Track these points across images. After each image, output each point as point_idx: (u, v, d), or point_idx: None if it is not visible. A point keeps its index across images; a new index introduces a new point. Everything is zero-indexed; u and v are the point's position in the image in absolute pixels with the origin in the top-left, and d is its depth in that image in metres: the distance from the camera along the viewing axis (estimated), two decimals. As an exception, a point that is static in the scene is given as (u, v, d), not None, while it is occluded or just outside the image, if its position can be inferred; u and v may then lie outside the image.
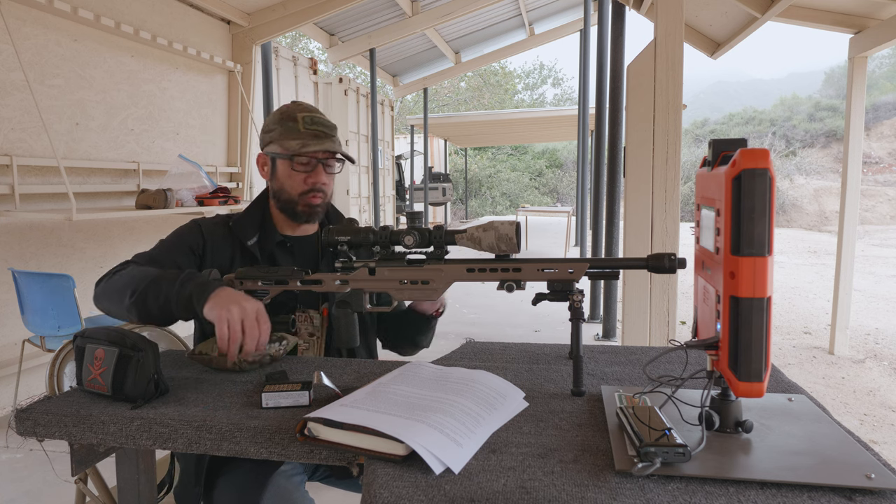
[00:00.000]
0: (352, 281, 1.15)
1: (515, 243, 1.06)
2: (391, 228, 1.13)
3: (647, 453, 0.73)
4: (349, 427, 0.82)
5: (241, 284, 1.21)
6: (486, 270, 1.07)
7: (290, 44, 19.86)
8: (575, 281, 1.05)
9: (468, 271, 1.09)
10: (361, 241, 1.12)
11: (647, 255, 1.02)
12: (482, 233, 1.08)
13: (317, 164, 1.36)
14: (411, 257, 1.14)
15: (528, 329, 5.18)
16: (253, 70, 5.33)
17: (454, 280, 1.10)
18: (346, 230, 1.13)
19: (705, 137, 27.27)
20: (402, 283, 1.13)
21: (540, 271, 1.06)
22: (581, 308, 1.04)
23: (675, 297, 2.71)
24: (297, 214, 1.39)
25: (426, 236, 1.10)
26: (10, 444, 2.77)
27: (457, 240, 1.10)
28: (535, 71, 31.98)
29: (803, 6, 4.38)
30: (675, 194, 2.71)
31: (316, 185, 1.36)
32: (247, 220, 1.42)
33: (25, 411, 0.99)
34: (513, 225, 1.06)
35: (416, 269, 1.12)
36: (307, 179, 1.36)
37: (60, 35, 3.60)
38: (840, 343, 4.61)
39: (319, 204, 1.39)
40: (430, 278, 1.11)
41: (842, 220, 4.48)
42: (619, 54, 4.27)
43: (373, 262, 1.14)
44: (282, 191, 1.39)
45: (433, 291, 1.11)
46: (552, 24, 10.04)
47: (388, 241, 1.12)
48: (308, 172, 1.36)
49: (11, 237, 3.34)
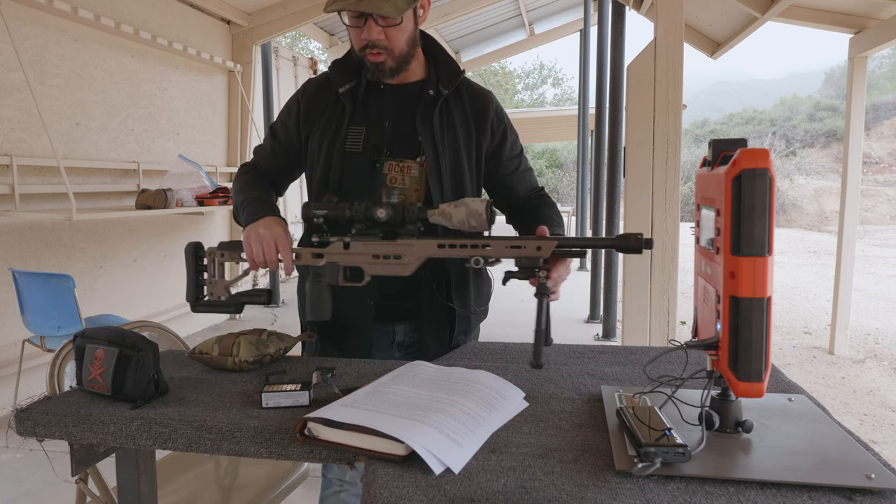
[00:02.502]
0: (327, 254, 1.16)
1: (485, 220, 1.07)
2: (368, 204, 1.13)
3: (647, 453, 0.73)
4: (349, 427, 0.82)
5: (221, 256, 1.24)
6: (455, 246, 1.10)
7: (290, 44, 19.86)
8: (543, 258, 1.06)
9: (439, 247, 1.11)
10: (338, 215, 1.14)
11: (616, 235, 1.05)
12: (453, 209, 1.09)
13: (366, 18, 1.22)
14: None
15: (528, 329, 5.16)
16: (253, 70, 5.33)
17: (426, 255, 1.12)
18: (323, 205, 1.14)
19: (705, 137, 27.26)
20: (374, 257, 1.14)
21: (508, 248, 1.07)
22: (546, 283, 1.06)
23: (675, 297, 2.71)
24: (368, 68, 1.29)
25: (400, 211, 1.11)
26: (10, 444, 2.77)
27: (429, 216, 1.12)
28: (535, 71, 32.01)
29: (803, 6, 4.38)
30: (675, 194, 2.71)
31: (368, 42, 1.24)
32: (344, 63, 1.34)
33: (25, 411, 0.99)
34: (483, 202, 1.07)
35: (389, 244, 1.13)
36: (360, 35, 1.25)
37: (60, 35, 3.60)
38: (840, 343, 4.61)
39: (382, 61, 1.26)
40: (402, 253, 1.12)
41: (842, 220, 4.48)
42: (619, 54, 4.27)
43: (348, 236, 1.15)
44: (351, 43, 1.31)
45: (405, 266, 1.13)
46: (552, 24, 10.03)
47: (364, 216, 1.13)
48: (358, 28, 1.24)
49: (11, 237, 3.34)
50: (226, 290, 1.25)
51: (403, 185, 1.30)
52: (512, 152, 1.40)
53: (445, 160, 1.30)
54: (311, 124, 1.35)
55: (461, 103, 1.36)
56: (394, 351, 1.40)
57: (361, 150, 1.29)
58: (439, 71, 1.34)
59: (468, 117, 1.35)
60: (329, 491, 1.41)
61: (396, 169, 1.31)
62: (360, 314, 1.33)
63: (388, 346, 1.39)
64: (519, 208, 1.42)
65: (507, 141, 1.39)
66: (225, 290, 1.25)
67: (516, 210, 1.42)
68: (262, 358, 1.19)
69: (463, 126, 1.34)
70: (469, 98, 1.37)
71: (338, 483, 1.41)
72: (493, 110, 1.38)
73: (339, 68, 1.34)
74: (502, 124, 1.39)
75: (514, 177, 1.41)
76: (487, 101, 1.38)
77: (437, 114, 1.31)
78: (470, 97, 1.37)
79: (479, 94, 1.39)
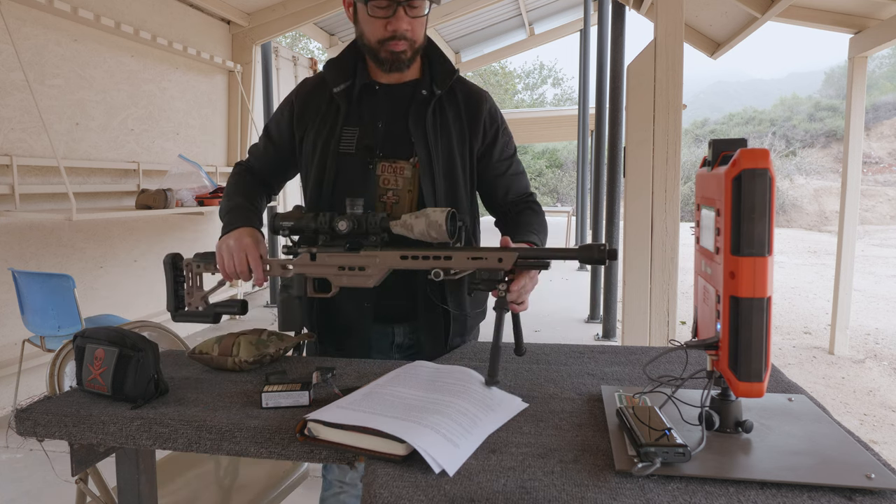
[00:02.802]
0: (295, 265, 1.17)
1: (445, 231, 1.06)
2: (333, 214, 1.14)
3: (647, 453, 0.73)
4: (349, 427, 0.82)
5: (198, 267, 1.24)
6: (418, 258, 1.09)
7: (290, 44, 19.86)
8: (504, 269, 1.05)
9: (402, 258, 1.11)
10: (304, 226, 1.15)
11: (579, 246, 1.04)
12: (414, 220, 1.09)
13: (396, 7, 1.21)
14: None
15: (527, 329, 5.18)
16: (253, 70, 5.33)
17: (389, 267, 1.12)
18: (289, 216, 1.15)
19: (705, 137, 27.25)
20: (340, 268, 1.14)
21: (470, 259, 1.07)
22: (505, 297, 1.05)
23: (675, 297, 2.71)
24: (381, 62, 1.27)
25: (362, 223, 1.12)
26: (10, 444, 2.77)
27: (391, 227, 1.12)
28: (535, 71, 32.00)
29: (803, 6, 4.38)
30: (675, 194, 2.71)
31: (396, 32, 1.22)
32: (339, 63, 1.33)
33: (25, 411, 0.99)
34: (444, 212, 1.07)
35: (353, 256, 1.13)
36: (387, 26, 1.22)
37: (60, 35, 3.60)
38: (840, 343, 4.61)
39: (403, 50, 1.25)
40: (366, 265, 1.13)
41: (842, 220, 4.48)
42: (619, 54, 4.27)
43: (314, 248, 1.15)
44: (362, 36, 1.28)
45: (368, 277, 1.13)
46: (552, 24, 10.02)
47: (329, 227, 1.13)
48: (387, 18, 1.22)
49: (11, 237, 3.34)
50: (203, 301, 1.25)
51: (396, 185, 1.30)
52: (503, 154, 1.39)
53: (438, 161, 1.30)
54: (304, 125, 1.35)
55: (455, 103, 1.35)
56: (393, 352, 1.40)
57: (355, 150, 1.29)
58: (433, 71, 1.34)
59: (462, 118, 1.34)
60: (329, 492, 1.41)
61: (389, 170, 1.30)
62: (358, 316, 1.33)
63: (388, 348, 1.39)
64: (504, 213, 1.41)
65: (499, 142, 1.38)
66: (202, 301, 1.25)
67: (502, 214, 1.41)
68: (262, 358, 1.19)
69: (456, 126, 1.33)
70: (463, 98, 1.36)
71: (338, 485, 1.41)
72: (487, 110, 1.37)
73: (334, 68, 1.33)
74: (495, 124, 1.38)
75: (504, 179, 1.39)
76: (481, 100, 1.37)
77: (431, 114, 1.31)
78: (464, 97, 1.36)
79: (473, 93, 1.37)
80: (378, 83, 1.33)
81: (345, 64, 1.33)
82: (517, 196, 1.41)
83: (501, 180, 1.39)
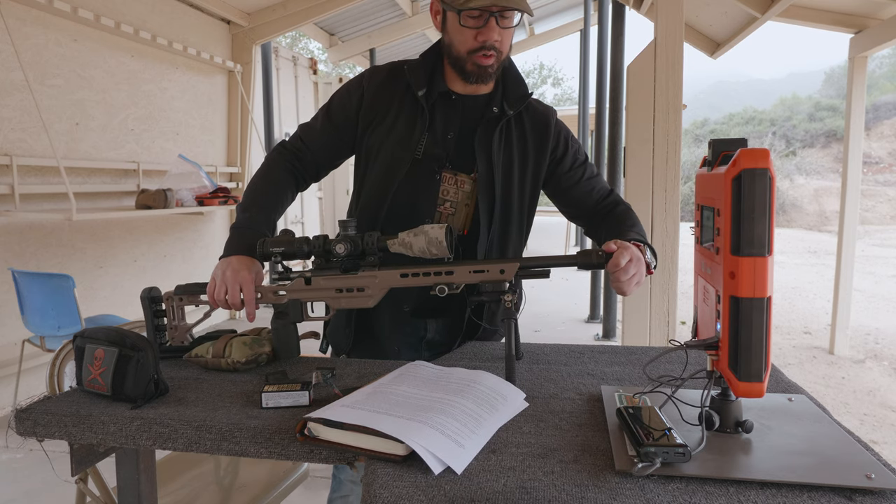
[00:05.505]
0: (289, 291, 1.15)
1: (445, 247, 1.06)
2: (326, 237, 1.12)
3: (647, 453, 0.73)
4: (349, 427, 0.82)
5: (180, 300, 1.21)
6: (419, 275, 1.09)
7: (290, 44, 19.83)
8: (507, 281, 1.05)
9: (402, 276, 1.10)
10: (296, 251, 1.12)
11: (578, 252, 1.05)
12: (413, 238, 1.08)
13: (489, 17, 1.19)
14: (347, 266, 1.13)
15: (528, 329, 5.18)
16: (253, 70, 5.33)
17: (389, 286, 1.11)
18: (280, 241, 1.12)
19: (705, 137, 27.25)
20: (338, 291, 1.12)
21: (472, 273, 1.07)
22: (513, 308, 1.05)
23: (675, 297, 2.71)
24: (466, 73, 1.26)
25: (359, 244, 1.10)
26: (10, 444, 2.77)
27: (389, 246, 1.10)
28: (535, 71, 31.97)
29: (803, 6, 4.38)
30: (675, 194, 2.71)
31: (486, 42, 1.21)
32: (420, 68, 1.31)
33: (25, 411, 0.99)
34: (442, 229, 1.06)
35: (351, 277, 1.12)
36: (477, 36, 1.21)
37: (60, 35, 3.60)
38: (840, 343, 4.61)
39: (491, 64, 1.24)
40: (365, 285, 1.11)
41: (842, 220, 4.48)
42: (619, 54, 4.28)
43: (308, 272, 1.13)
44: (451, 46, 1.26)
45: (368, 298, 1.12)
46: (552, 24, 10.03)
47: (323, 250, 1.11)
48: (478, 28, 1.21)
49: (11, 237, 3.34)
50: (188, 335, 1.23)
51: (456, 198, 1.31)
52: (574, 162, 1.38)
53: (498, 180, 1.30)
54: (372, 116, 1.32)
55: (521, 124, 1.35)
56: (423, 350, 1.39)
57: (422, 157, 1.28)
58: (507, 90, 1.33)
59: (526, 138, 1.34)
60: (338, 494, 1.41)
61: (451, 181, 1.31)
62: (393, 322, 1.34)
63: (418, 343, 1.39)
64: (590, 218, 1.40)
65: (569, 152, 1.38)
66: (187, 335, 1.23)
67: (590, 220, 1.40)
68: (256, 357, 1.19)
69: (520, 147, 1.33)
70: (530, 119, 1.35)
71: (349, 486, 1.40)
72: (553, 128, 1.37)
73: (418, 71, 1.31)
74: (563, 137, 1.38)
75: (581, 186, 1.38)
76: (548, 119, 1.37)
77: (497, 133, 1.30)
78: (530, 118, 1.36)
79: (540, 113, 1.37)
80: (454, 93, 1.32)
81: (425, 69, 1.32)
82: (599, 198, 1.39)
83: (578, 187, 1.38)
